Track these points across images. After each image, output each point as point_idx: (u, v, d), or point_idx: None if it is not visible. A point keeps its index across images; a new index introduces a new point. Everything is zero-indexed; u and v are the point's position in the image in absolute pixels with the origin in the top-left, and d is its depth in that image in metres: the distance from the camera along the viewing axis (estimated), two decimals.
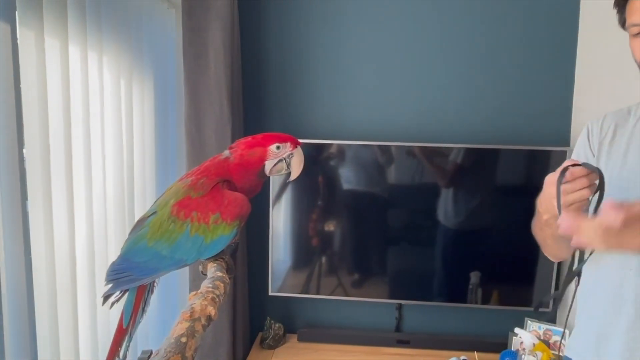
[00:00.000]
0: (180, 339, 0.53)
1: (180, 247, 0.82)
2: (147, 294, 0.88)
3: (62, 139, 1.16)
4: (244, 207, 0.84)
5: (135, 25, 1.56)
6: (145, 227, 0.85)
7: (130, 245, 0.86)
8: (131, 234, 0.88)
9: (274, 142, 0.87)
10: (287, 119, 2.06)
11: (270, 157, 0.87)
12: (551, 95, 1.98)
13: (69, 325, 1.19)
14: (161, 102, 1.80)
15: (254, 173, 0.88)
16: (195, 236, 0.82)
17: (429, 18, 1.98)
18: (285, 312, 2.14)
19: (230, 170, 0.87)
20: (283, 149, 0.87)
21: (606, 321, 0.97)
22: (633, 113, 1.01)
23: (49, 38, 1.11)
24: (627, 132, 0.99)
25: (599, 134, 1.05)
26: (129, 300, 0.86)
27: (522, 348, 1.82)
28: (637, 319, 0.93)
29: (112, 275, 0.86)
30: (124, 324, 0.85)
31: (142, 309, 0.87)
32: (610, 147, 1.02)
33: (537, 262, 1.92)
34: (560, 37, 1.95)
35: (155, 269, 0.85)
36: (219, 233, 0.82)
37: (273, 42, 2.03)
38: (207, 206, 0.82)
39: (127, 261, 0.86)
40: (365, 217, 2.03)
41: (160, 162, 1.80)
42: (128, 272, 0.86)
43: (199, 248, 0.82)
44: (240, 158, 0.87)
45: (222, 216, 0.82)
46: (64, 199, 1.16)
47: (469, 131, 2.00)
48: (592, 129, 1.07)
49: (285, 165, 0.89)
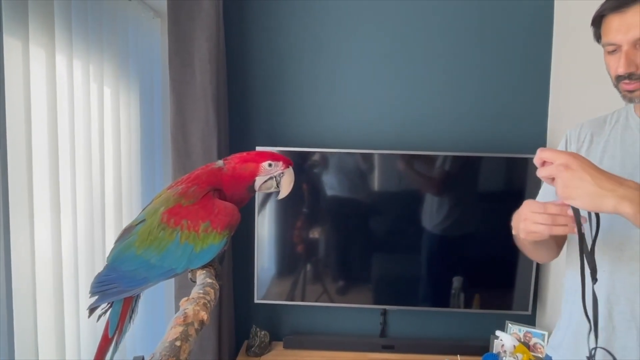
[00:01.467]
0: (174, 342, 0.55)
1: (170, 255, 0.82)
2: (135, 303, 0.87)
3: (47, 147, 1.15)
4: (234, 216, 0.84)
5: (122, 35, 1.56)
6: (133, 235, 0.84)
7: (118, 254, 0.85)
8: (118, 242, 0.87)
9: (266, 159, 0.89)
10: (272, 127, 2.08)
11: (262, 173, 0.89)
12: (528, 104, 2.05)
13: (52, 334, 1.18)
14: (147, 110, 1.81)
15: (244, 187, 0.89)
16: (185, 244, 0.82)
17: (411, 29, 2.04)
18: (270, 319, 2.15)
19: (223, 180, 0.88)
20: (275, 167, 0.90)
21: (583, 320, 1.00)
22: (608, 121, 1.05)
23: (35, 47, 1.11)
24: (603, 140, 1.03)
25: (577, 142, 1.08)
26: (115, 309, 0.85)
27: (503, 350, 1.86)
28: (609, 318, 0.97)
29: (98, 287, 0.84)
30: (109, 334, 0.84)
31: (129, 317, 0.86)
32: (587, 155, 1.04)
33: (516, 267, 1.98)
34: (535, 43, 2.02)
35: (144, 279, 0.83)
36: (209, 242, 0.82)
37: (258, 52, 2.05)
38: (197, 214, 0.82)
39: (115, 270, 0.84)
40: (349, 224, 2.06)
41: (146, 170, 1.80)
42: (115, 283, 0.84)
43: (189, 257, 0.82)
44: (233, 170, 0.89)
45: (212, 225, 0.82)
46: (48, 207, 1.16)
47: (450, 139, 2.05)
48: (570, 137, 1.11)
49: (275, 183, 0.91)
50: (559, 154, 0.82)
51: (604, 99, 1.47)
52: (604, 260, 0.97)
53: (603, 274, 0.97)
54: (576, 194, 0.79)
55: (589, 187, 0.77)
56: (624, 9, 0.89)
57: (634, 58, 0.89)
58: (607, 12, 0.92)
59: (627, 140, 0.99)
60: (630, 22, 0.88)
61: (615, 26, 0.91)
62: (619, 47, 0.91)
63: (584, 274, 0.90)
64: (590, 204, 0.79)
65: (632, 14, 0.88)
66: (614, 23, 0.91)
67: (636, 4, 0.88)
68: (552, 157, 0.81)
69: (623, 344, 0.95)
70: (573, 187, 0.78)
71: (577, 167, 0.79)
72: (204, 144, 1.77)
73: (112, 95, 1.50)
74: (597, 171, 0.79)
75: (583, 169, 0.78)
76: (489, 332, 1.96)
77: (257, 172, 0.89)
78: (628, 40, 0.89)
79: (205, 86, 1.74)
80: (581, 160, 0.80)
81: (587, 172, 0.78)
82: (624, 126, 1.01)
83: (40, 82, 1.13)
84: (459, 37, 2.03)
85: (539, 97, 2.05)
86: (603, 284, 0.97)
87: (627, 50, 0.90)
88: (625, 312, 0.95)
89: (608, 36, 0.93)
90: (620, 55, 0.91)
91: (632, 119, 1.00)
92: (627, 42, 0.89)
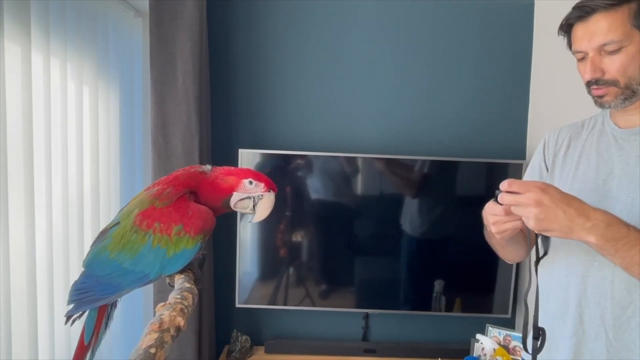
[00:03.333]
0: (149, 349, 0.53)
1: (142, 259, 0.79)
2: (111, 309, 0.84)
3: (22, 146, 1.12)
4: (208, 220, 0.81)
5: (101, 34, 1.53)
6: (108, 237, 0.82)
7: (92, 258, 0.82)
8: (93, 245, 0.84)
9: (249, 177, 0.84)
10: (255, 130, 2.07)
11: (240, 189, 0.84)
12: (508, 110, 2.08)
13: (25, 340, 1.14)
14: (127, 111, 1.77)
15: (219, 199, 0.85)
16: (157, 248, 0.78)
17: (394, 36, 2.05)
18: (252, 324, 2.12)
19: (200, 184, 0.84)
20: (255, 187, 0.84)
21: (554, 324, 1.02)
22: (586, 126, 1.07)
23: (10, 43, 1.08)
24: (580, 145, 1.05)
25: (554, 146, 1.10)
26: (90, 315, 0.82)
27: (483, 354, 1.88)
28: (580, 322, 0.98)
29: (75, 295, 0.82)
30: (85, 341, 0.81)
31: (104, 324, 0.83)
32: (564, 159, 1.07)
33: (496, 271, 2.00)
34: (514, 51, 2.06)
35: (118, 285, 0.80)
36: (181, 246, 0.79)
37: (241, 53, 2.04)
38: (170, 217, 0.79)
39: (90, 277, 0.82)
40: (332, 228, 2.05)
41: (126, 171, 1.76)
42: (91, 291, 0.81)
43: (162, 262, 0.79)
44: (214, 179, 0.85)
45: (185, 228, 0.79)
46: (23, 208, 1.12)
47: (432, 144, 2.07)
48: (548, 141, 1.12)
49: (251, 204, 0.85)
50: (529, 187, 0.83)
51: (583, 105, 1.50)
52: (577, 264, 0.98)
53: (575, 278, 0.98)
54: (551, 227, 0.83)
55: (562, 221, 0.82)
56: (586, 17, 0.92)
57: (599, 64, 0.92)
58: (572, 21, 0.96)
59: (601, 146, 1.01)
60: (593, 30, 0.91)
61: (580, 35, 0.94)
62: (585, 54, 0.94)
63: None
64: (562, 235, 0.84)
65: (594, 21, 0.91)
66: (579, 32, 0.94)
67: (597, 12, 0.91)
68: (522, 190, 0.83)
69: (592, 347, 0.96)
70: (547, 221, 0.82)
71: (549, 203, 0.81)
72: (185, 145, 1.74)
73: (90, 94, 1.47)
74: (567, 203, 0.82)
75: (555, 204, 0.81)
76: (470, 335, 1.97)
77: (235, 187, 0.84)
78: (592, 47, 0.92)
79: (188, 87, 1.72)
80: (551, 195, 0.82)
81: (559, 207, 0.81)
82: (599, 131, 1.03)
83: (16, 80, 1.10)
84: (441, 45, 2.05)
85: (519, 102, 2.08)
86: (574, 287, 0.98)
87: (593, 57, 0.93)
88: (595, 317, 0.95)
89: (575, 44, 0.96)
90: (587, 62, 0.94)
91: (608, 124, 1.02)
92: (591, 49, 0.92)
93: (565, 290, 1.00)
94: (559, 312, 1.02)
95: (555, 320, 1.02)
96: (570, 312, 0.99)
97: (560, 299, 1.02)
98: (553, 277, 1.04)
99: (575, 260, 0.98)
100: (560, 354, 1.01)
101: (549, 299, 1.04)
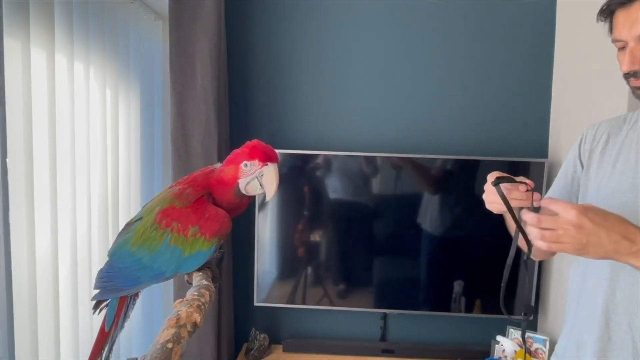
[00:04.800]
0: (166, 344, 0.54)
1: (160, 256, 0.81)
2: (130, 300, 0.87)
3: (47, 148, 1.16)
4: (224, 224, 0.81)
5: (123, 36, 1.57)
6: (131, 231, 0.85)
7: (116, 248, 0.86)
8: (118, 236, 0.88)
9: (243, 159, 0.83)
10: (274, 130, 2.08)
11: (242, 175, 0.83)
12: (529, 108, 2.04)
13: (50, 327, 1.18)
14: (147, 112, 1.81)
15: (230, 192, 0.84)
16: (174, 247, 0.80)
17: (413, 31, 2.03)
18: (270, 322, 2.14)
19: (211, 184, 0.85)
20: (252, 167, 0.82)
21: (583, 329, 0.99)
22: (628, 121, 0.99)
23: (36, 47, 1.12)
24: (619, 141, 0.97)
25: (592, 142, 1.02)
26: (111, 304, 0.85)
27: (504, 355, 1.84)
28: (606, 328, 0.94)
29: (100, 282, 0.86)
30: (106, 328, 0.84)
31: (124, 313, 0.86)
32: (602, 156, 0.99)
33: (518, 271, 1.96)
34: (536, 50, 2.01)
35: (137, 279, 0.83)
36: (197, 248, 0.80)
37: (259, 54, 2.05)
38: (187, 218, 0.80)
39: (112, 267, 0.85)
40: (350, 228, 2.05)
41: (146, 172, 1.80)
42: (113, 281, 0.85)
43: (177, 261, 0.81)
44: (219, 173, 0.85)
45: (200, 230, 0.80)
46: (48, 207, 1.16)
47: (452, 143, 2.05)
48: (585, 135, 1.05)
49: (258, 184, 0.83)
50: (568, 209, 0.78)
51: (607, 103, 1.46)
52: (607, 268, 0.93)
53: (604, 282, 0.94)
54: (593, 251, 0.79)
55: (606, 246, 0.78)
56: (628, 4, 0.86)
57: (639, 55, 0.86)
58: (614, 7, 0.89)
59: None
60: (634, 18, 0.85)
61: (621, 22, 0.88)
62: (625, 43, 0.88)
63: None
64: (603, 257, 0.81)
65: (637, 8, 0.85)
66: (620, 18, 0.88)
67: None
68: (561, 211, 0.79)
69: (617, 355, 0.92)
70: (590, 246, 0.78)
71: (590, 226, 0.77)
72: (205, 146, 1.77)
73: (112, 96, 1.50)
74: (609, 227, 0.78)
75: (597, 227, 0.77)
76: (490, 337, 1.94)
77: (237, 175, 0.83)
78: (632, 36, 0.86)
79: (206, 88, 1.75)
80: (591, 217, 0.78)
81: (602, 230, 0.77)
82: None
83: (41, 83, 1.14)
84: (461, 41, 2.03)
85: (541, 100, 2.04)
86: (603, 292, 0.94)
87: (632, 47, 0.86)
88: (622, 324, 0.92)
89: (615, 32, 0.90)
90: (626, 53, 0.87)
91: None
92: (631, 38, 0.86)
93: (594, 294, 0.96)
94: (588, 315, 0.98)
95: (585, 324, 0.99)
96: (597, 317, 0.95)
97: (589, 302, 0.98)
98: (584, 279, 0.99)
99: (606, 263, 0.93)
100: (587, 357, 0.97)
101: (580, 302, 1.00)
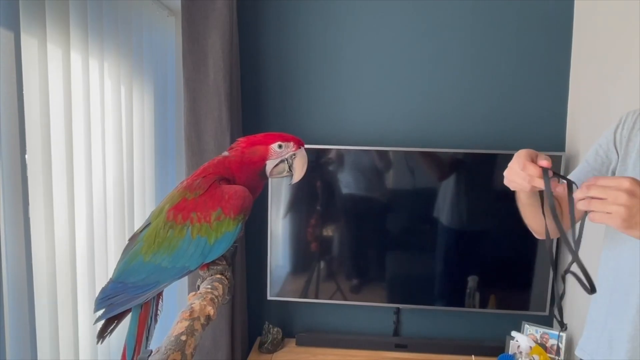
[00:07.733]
0: (180, 337, 0.55)
1: (182, 253, 0.77)
2: (151, 321, 0.83)
3: (64, 145, 1.17)
4: (246, 199, 0.79)
5: (136, 33, 1.58)
6: (138, 242, 0.80)
7: (123, 267, 0.80)
8: (123, 254, 0.83)
9: (276, 140, 0.82)
10: (286, 125, 2.08)
11: (272, 156, 0.82)
12: (547, 101, 2.00)
13: (69, 320, 1.20)
14: (161, 108, 1.83)
15: (255, 172, 0.83)
16: (197, 238, 0.77)
17: (428, 26, 2.01)
18: (283, 316, 2.15)
19: (231, 167, 0.82)
20: (285, 149, 0.83)
21: (615, 326, 0.96)
22: None
23: (52, 45, 1.13)
24: None
25: (631, 128, 0.95)
26: (130, 332, 0.81)
27: (519, 351, 1.82)
28: (639, 328, 0.91)
29: (103, 301, 0.80)
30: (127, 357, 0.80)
31: (151, 319, 0.82)
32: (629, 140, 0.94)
33: (533, 266, 1.94)
34: (554, 43, 1.98)
35: (155, 282, 0.79)
36: (223, 230, 0.77)
37: (271, 49, 2.05)
38: (206, 205, 0.78)
39: (122, 284, 0.80)
40: (363, 222, 2.04)
41: (160, 168, 1.82)
42: (122, 293, 0.79)
43: (203, 251, 0.78)
44: (242, 156, 0.83)
45: (224, 211, 0.77)
46: (65, 204, 1.18)
47: (466, 136, 2.02)
48: (625, 120, 0.98)
49: (287, 166, 0.83)
50: (620, 178, 0.74)
51: (624, 99, 1.43)
52: (638, 263, 0.90)
53: (637, 279, 0.91)
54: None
55: None
56: None
57: None
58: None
59: None
60: None
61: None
62: None
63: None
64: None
65: None
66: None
67: None
68: (612, 184, 0.73)
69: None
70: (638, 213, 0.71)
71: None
72: (217, 141, 1.78)
73: (126, 92, 1.52)
74: None
75: None
76: (505, 332, 1.92)
77: (267, 156, 0.82)
78: None
79: (219, 84, 1.75)
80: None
81: None
82: None
83: (57, 81, 1.15)
84: (478, 34, 2.00)
85: (559, 94, 2.00)
86: (636, 290, 0.91)
87: None
88: None
89: None
90: None
91: None
92: None
93: (626, 292, 0.93)
94: (619, 313, 0.95)
95: (616, 321, 0.96)
96: (630, 316, 0.92)
97: (622, 300, 0.94)
98: (617, 275, 0.96)
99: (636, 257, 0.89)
100: (618, 356, 0.95)
101: (612, 299, 0.97)
